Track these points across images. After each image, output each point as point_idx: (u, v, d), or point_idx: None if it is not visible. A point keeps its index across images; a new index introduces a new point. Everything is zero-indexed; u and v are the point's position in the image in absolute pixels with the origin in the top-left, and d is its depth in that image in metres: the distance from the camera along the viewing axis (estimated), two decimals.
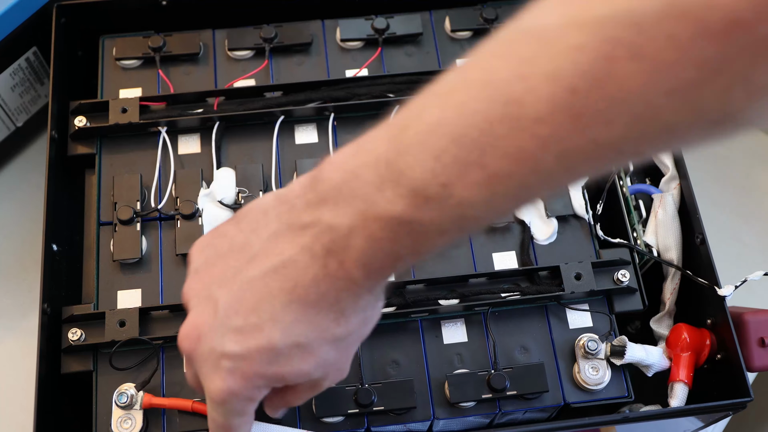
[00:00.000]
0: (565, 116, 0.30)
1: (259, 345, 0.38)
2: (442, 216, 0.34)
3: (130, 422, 0.50)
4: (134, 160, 0.59)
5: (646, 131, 0.30)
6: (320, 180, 0.37)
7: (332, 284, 0.37)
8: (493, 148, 0.31)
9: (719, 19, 0.26)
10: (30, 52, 0.64)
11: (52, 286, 0.54)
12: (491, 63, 0.32)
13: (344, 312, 0.38)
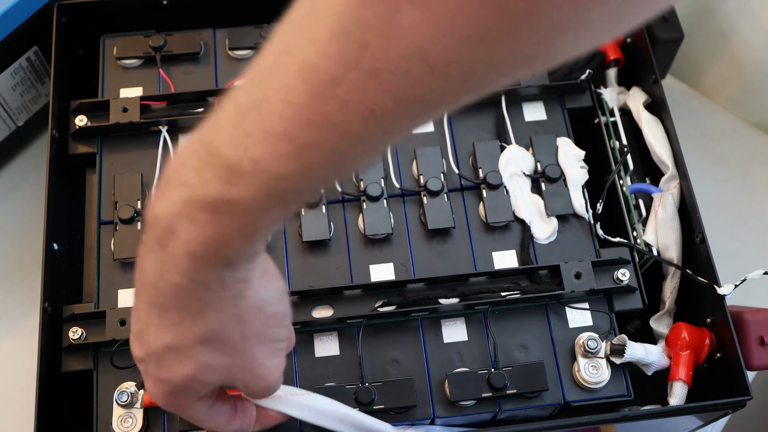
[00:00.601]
0: (360, 74, 0.29)
1: (147, 349, 0.39)
2: (258, 192, 0.32)
3: (130, 421, 0.50)
4: (135, 160, 0.59)
5: (449, 81, 0.29)
6: (163, 175, 0.36)
7: (168, 280, 0.36)
8: (297, 117, 0.30)
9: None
10: (31, 51, 0.64)
11: (52, 285, 0.54)
12: (288, 35, 0.31)
13: (193, 309, 0.37)
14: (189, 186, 0.34)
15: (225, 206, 0.33)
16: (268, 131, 0.31)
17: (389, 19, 0.27)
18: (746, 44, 0.73)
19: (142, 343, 0.39)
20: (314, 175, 0.32)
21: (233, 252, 0.35)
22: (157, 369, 0.39)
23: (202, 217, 0.34)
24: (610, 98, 0.64)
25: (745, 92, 0.76)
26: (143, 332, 0.39)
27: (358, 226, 0.57)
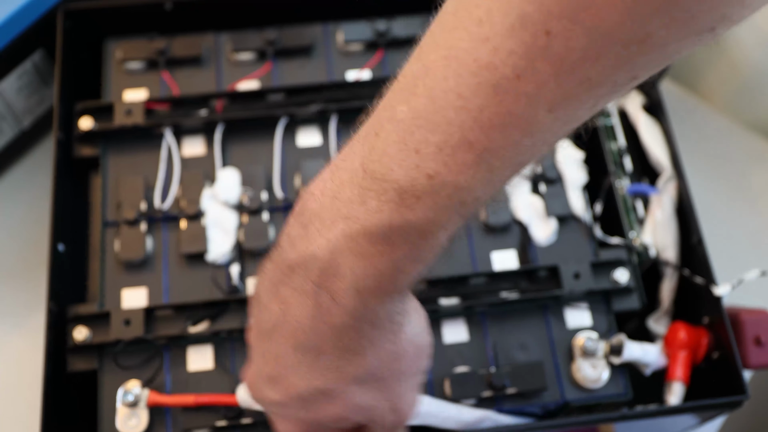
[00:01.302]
0: (546, 63, 0.27)
1: (289, 393, 0.37)
2: (437, 209, 0.31)
3: (135, 420, 0.51)
4: (139, 162, 0.59)
5: (639, 55, 0.27)
6: (302, 213, 0.34)
7: (329, 322, 0.34)
8: (476, 122, 0.29)
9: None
10: (36, 54, 0.65)
11: (57, 285, 0.55)
12: (445, 38, 0.29)
13: (352, 349, 0.35)
14: (352, 219, 0.32)
15: (400, 232, 0.31)
16: (444, 143, 0.29)
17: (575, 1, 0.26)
18: (743, 46, 0.73)
19: (281, 387, 0.37)
20: (498, 178, 0.31)
21: (406, 280, 0.33)
22: (299, 411, 0.37)
23: (373, 249, 0.32)
24: None
25: (741, 94, 0.76)
26: (284, 376, 0.37)
27: None
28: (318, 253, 0.33)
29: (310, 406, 0.37)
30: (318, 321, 0.34)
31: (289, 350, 0.36)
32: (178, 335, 0.53)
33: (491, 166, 0.30)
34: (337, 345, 0.35)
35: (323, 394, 0.36)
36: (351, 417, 0.37)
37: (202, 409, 0.51)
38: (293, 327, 0.35)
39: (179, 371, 0.53)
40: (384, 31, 0.64)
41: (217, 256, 0.56)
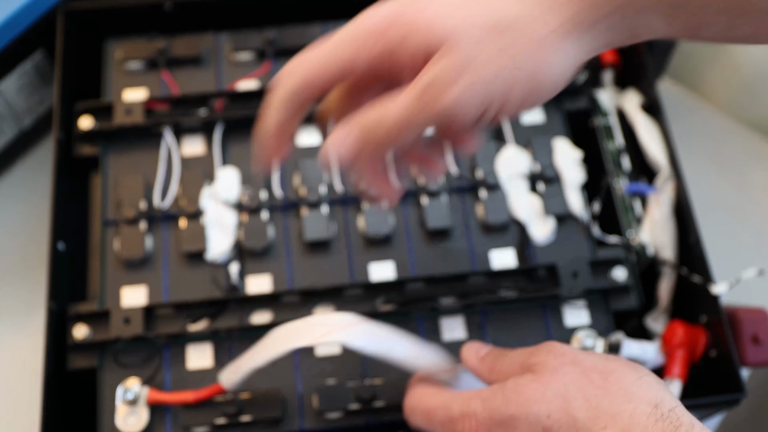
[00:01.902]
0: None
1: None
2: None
3: (135, 418, 0.51)
4: (139, 161, 0.60)
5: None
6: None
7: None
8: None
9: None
10: (36, 54, 0.65)
11: (58, 284, 0.55)
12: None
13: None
14: None
15: None
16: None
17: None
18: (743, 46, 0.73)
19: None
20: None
21: None
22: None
23: None
24: (606, 100, 0.64)
25: (741, 93, 0.76)
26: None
27: (359, 226, 0.58)
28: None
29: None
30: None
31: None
32: (177, 333, 0.53)
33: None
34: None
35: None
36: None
37: (202, 406, 0.51)
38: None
39: (179, 369, 0.53)
40: None
41: (217, 255, 0.56)
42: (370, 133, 0.38)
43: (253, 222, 0.57)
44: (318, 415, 0.52)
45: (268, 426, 0.51)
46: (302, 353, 0.54)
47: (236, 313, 0.54)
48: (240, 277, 0.56)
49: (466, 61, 0.36)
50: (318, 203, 0.58)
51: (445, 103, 0.37)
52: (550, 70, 0.37)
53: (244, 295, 0.54)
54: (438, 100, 0.37)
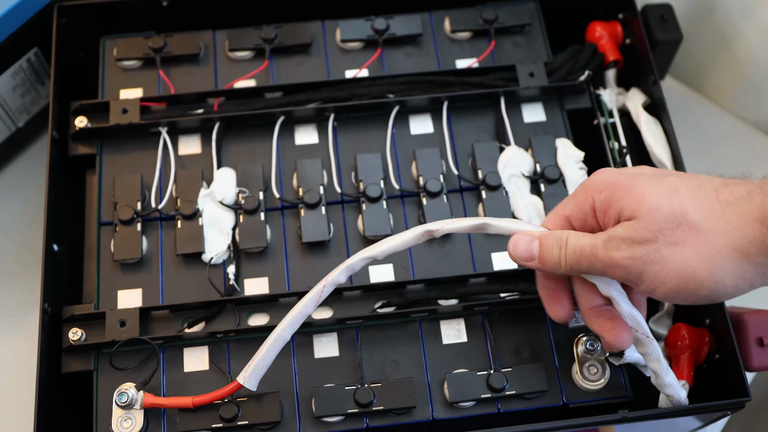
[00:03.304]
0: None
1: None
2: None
3: (130, 422, 0.50)
4: (135, 161, 0.59)
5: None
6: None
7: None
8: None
9: None
10: (31, 52, 0.64)
11: (52, 286, 0.54)
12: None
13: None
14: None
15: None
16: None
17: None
18: (747, 44, 0.73)
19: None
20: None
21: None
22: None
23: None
24: (609, 99, 0.64)
25: (745, 93, 0.76)
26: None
27: (358, 227, 0.57)
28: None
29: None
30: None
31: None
32: (174, 336, 0.53)
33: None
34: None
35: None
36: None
37: (198, 410, 0.51)
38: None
39: (175, 372, 0.53)
40: (382, 30, 0.63)
41: (214, 257, 0.56)
42: (543, 247, 0.47)
43: (251, 223, 0.56)
44: (316, 418, 0.51)
45: (266, 430, 0.51)
46: (300, 356, 0.53)
47: (233, 316, 0.54)
48: (237, 279, 0.55)
49: (646, 238, 0.43)
50: (316, 204, 0.57)
51: (610, 257, 0.44)
52: (711, 278, 0.42)
53: (241, 296, 0.54)
54: (606, 251, 0.44)
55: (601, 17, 0.67)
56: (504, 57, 0.64)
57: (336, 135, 0.60)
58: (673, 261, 0.42)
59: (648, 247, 0.43)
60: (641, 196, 0.44)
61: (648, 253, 0.43)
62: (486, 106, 0.62)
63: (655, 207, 0.43)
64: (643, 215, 0.43)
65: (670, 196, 0.43)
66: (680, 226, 0.43)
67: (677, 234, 0.42)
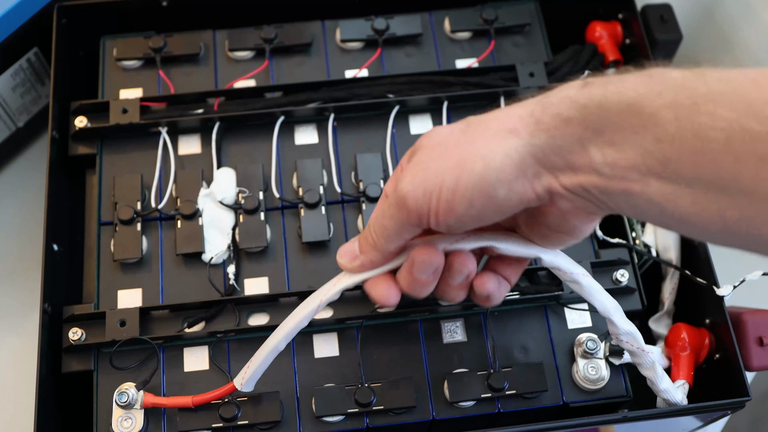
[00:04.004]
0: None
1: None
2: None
3: (130, 421, 0.50)
4: (135, 161, 0.59)
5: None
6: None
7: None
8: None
9: None
10: (31, 52, 0.64)
11: (52, 285, 0.54)
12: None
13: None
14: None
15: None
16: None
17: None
18: (747, 44, 0.73)
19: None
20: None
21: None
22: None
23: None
24: None
25: None
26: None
27: (358, 227, 0.57)
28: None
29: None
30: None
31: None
32: (174, 336, 0.53)
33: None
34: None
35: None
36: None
37: (198, 410, 0.51)
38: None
39: (175, 372, 0.53)
40: (382, 29, 0.63)
41: (214, 257, 0.55)
42: (361, 243, 0.45)
43: (251, 223, 0.56)
44: (316, 418, 0.51)
45: (266, 429, 0.51)
46: (300, 356, 0.53)
47: (233, 315, 0.54)
48: (237, 279, 0.55)
49: (422, 157, 0.41)
50: (316, 204, 0.57)
51: (397, 192, 0.41)
52: (477, 156, 0.39)
53: (241, 296, 0.54)
54: (393, 192, 0.42)
55: (600, 17, 0.67)
56: (504, 57, 0.64)
57: (336, 135, 0.60)
58: (445, 159, 0.40)
59: (421, 162, 0.41)
60: (427, 132, 0.43)
61: (424, 165, 0.40)
62: (486, 106, 0.62)
63: (432, 131, 0.42)
64: (423, 139, 0.42)
65: (455, 123, 0.42)
66: (453, 133, 0.41)
67: (451, 141, 0.40)
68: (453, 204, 0.40)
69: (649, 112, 0.35)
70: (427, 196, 0.40)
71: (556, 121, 0.38)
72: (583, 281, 0.45)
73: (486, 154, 0.39)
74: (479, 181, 0.39)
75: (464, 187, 0.39)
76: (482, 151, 0.39)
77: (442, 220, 0.41)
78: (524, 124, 0.39)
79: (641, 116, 0.35)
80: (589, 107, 0.37)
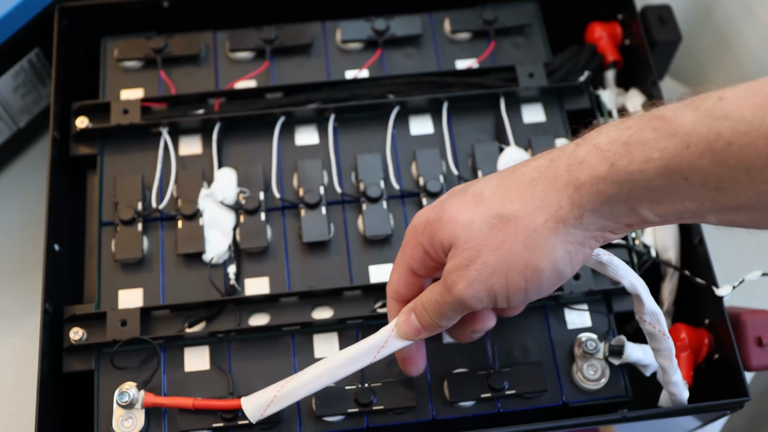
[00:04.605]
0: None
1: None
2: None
3: (131, 421, 0.51)
4: (136, 161, 0.59)
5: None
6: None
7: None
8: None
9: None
10: (32, 53, 0.64)
11: (53, 285, 0.54)
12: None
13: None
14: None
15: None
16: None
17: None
18: (747, 44, 0.73)
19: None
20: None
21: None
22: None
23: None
24: (609, 100, 0.64)
25: None
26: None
27: (358, 227, 0.57)
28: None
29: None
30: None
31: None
32: (174, 336, 0.53)
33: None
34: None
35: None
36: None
37: (199, 410, 0.51)
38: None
39: (176, 372, 0.53)
40: (382, 30, 0.63)
41: (214, 257, 0.56)
42: (419, 318, 0.46)
43: (251, 223, 0.57)
44: (316, 418, 0.51)
45: (266, 429, 0.51)
46: (300, 356, 0.53)
47: (234, 315, 0.54)
48: (238, 279, 0.56)
49: (471, 256, 0.42)
50: (317, 204, 0.57)
51: (457, 295, 0.43)
52: (543, 258, 0.41)
53: (242, 296, 0.54)
54: (451, 292, 0.43)
55: (600, 18, 0.67)
56: (504, 58, 0.64)
57: (336, 135, 0.60)
58: (505, 262, 0.41)
59: (476, 264, 0.42)
60: (451, 219, 0.43)
61: (480, 271, 0.42)
62: (486, 107, 0.62)
63: (466, 223, 0.42)
64: (460, 237, 0.42)
65: (476, 204, 0.43)
66: (496, 227, 0.42)
67: (498, 236, 0.41)
68: (527, 296, 0.43)
69: (686, 167, 0.36)
70: (490, 296, 0.43)
71: (598, 203, 0.40)
72: (606, 259, 0.46)
73: (546, 251, 0.41)
74: (550, 276, 0.42)
75: (537, 284, 0.42)
76: (543, 250, 0.41)
77: (509, 306, 0.45)
78: (567, 212, 0.40)
79: (679, 172, 0.36)
80: (625, 183, 0.38)
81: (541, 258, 0.41)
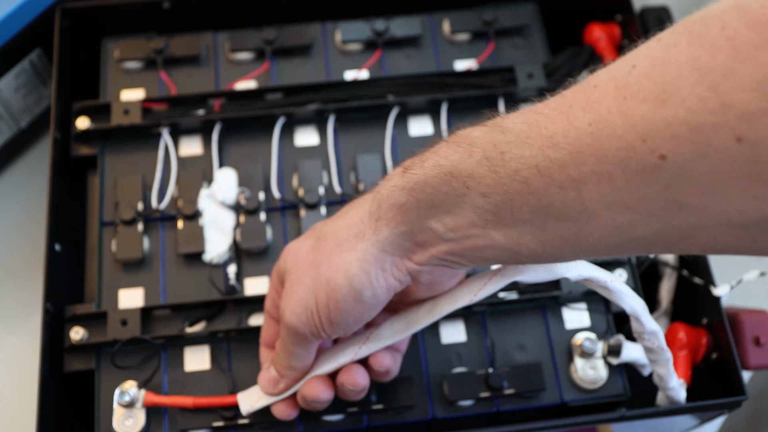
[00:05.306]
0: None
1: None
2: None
3: (131, 420, 0.51)
4: (136, 161, 0.59)
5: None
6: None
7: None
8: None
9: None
10: (34, 54, 0.65)
11: (54, 285, 0.55)
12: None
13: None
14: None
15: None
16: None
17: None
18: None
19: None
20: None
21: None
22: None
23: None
24: None
25: None
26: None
27: None
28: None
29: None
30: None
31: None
32: (175, 335, 0.53)
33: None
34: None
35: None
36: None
37: (200, 409, 0.51)
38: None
39: (176, 371, 0.53)
40: (382, 31, 0.64)
41: (215, 257, 0.56)
42: (275, 365, 0.48)
43: (252, 223, 0.57)
44: (316, 417, 0.51)
45: (267, 428, 0.51)
46: None
47: (234, 315, 0.54)
48: (238, 279, 0.56)
49: (294, 280, 0.44)
50: (316, 204, 0.57)
51: (286, 323, 0.44)
52: (339, 272, 0.42)
53: (242, 296, 0.54)
54: (283, 321, 0.45)
55: (598, 19, 0.67)
56: (503, 58, 0.64)
57: (336, 136, 0.61)
58: (315, 281, 0.43)
59: (297, 287, 0.43)
60: (286, 252, 0.46)
61: (298, 293, 0.43)
62: (484, 107, 0.62)
63: (294, 251, 0.45)
64: (287, 265, 0.45)
65: (310, 233, 0.46)
66: (313, 248, 0.44)
67: (312, 256, 0.43)
68: (331, 317, 0.43)
69: (467, 174, 0.37)
70: (309, 318, 0.43)
71: (393, 212, 0.40)
72: (612, 287, 0.46)
73: (343, 266, 0.41)
74: (346, 292, 0.42)
75: (335, 300, 0.42)
76: (339, 264, 0.42)
77: (330, 332, 0.44)
78: (366, 226, 0.41)
79: (461, 179, 0.37)
80: (416, 189, 0.39)
81: (337, 271, 0.42)
